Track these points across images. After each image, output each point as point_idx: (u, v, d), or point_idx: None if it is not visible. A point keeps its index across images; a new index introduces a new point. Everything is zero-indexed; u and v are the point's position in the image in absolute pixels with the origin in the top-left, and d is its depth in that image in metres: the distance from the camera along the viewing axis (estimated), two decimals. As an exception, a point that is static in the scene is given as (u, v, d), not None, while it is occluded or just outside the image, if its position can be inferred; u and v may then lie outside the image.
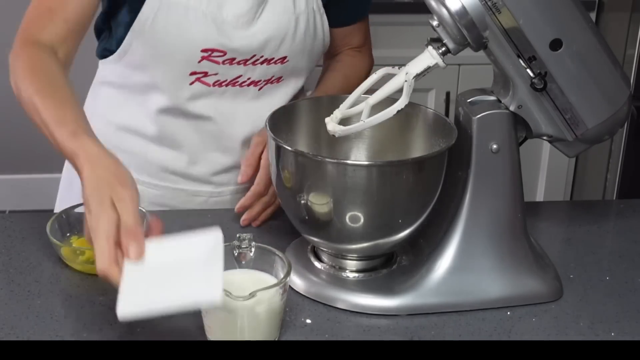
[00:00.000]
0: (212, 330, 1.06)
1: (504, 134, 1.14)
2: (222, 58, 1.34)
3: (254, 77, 1.38)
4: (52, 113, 1.17)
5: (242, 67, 1.36)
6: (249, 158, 1.34)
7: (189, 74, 1.35)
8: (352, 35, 1.50)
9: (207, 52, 1.32)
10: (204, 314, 1.06)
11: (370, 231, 1.14)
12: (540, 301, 1.17)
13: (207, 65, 1.34)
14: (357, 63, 1.52)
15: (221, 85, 1.37)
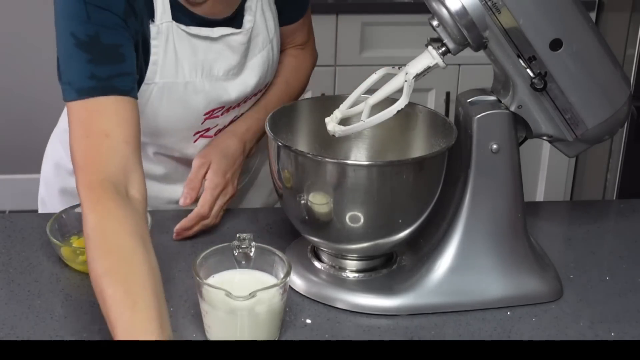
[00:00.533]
0: (212, 330, 1.06)
1: (504, 134, 1.14)
2: (221, 111, 1.34)
3: (244, 109, 1.40)
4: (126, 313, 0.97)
5: (237, 110, 1.37)
6: (192, 180, 1.30)
7: (193, 134, 1.35)
8: (296, 33, 1.47)
9: (209, 113, 1.33)
10: (203, 313, 1.06)
11: (370, 231, 1.14)
12: (540, 301, 1.17)
13: (210, 122, 1.35)
14: (299, 63, 1.48)
15: (220, 130, 1.38)
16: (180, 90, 1.27)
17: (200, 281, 1.04)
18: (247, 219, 1.36)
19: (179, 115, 1.30)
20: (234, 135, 1.36)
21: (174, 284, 1.18)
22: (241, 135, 1.36)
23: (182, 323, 1.10)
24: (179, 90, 1.27)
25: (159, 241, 1.29)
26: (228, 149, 1.34)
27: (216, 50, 1.29)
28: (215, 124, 1.36)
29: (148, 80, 1.25)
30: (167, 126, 1.31)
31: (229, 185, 1.32)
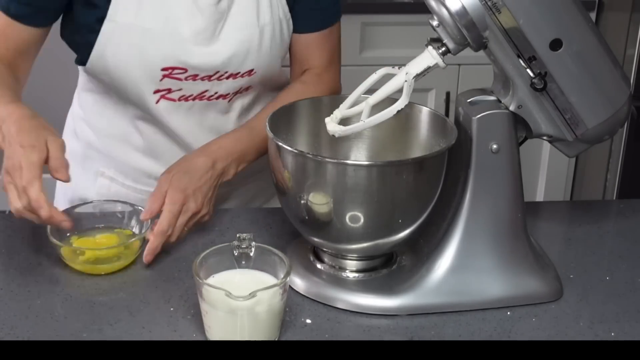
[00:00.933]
0: (212, 330, 1.06)
1: (504, 134, 1.14)
2: (184, 75, 1.33)
3: (222, 91, 1.37)
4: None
5: (207, 83, 1.35)
6: (154, 194, 1.27)
7: (153, 92, 1.34)
8: (311, 50, 1.43)
9: (168, 70, 1.32)
10: (203, 313, 1.06)
11: (370, 231, 1.14)
12: (540, 301, 1.17)
13: (170, 82, 1.33)
14: (306, 91, 1.40)
15: (187, 99, 1.36)
16: (138, 35, 1.29)
17: (200, 281, 1.04)
18: (247, 219, 1.36)
19: (134, 61, 1.30)
20: (202, 153, 1.32)
21: (174, 283, 1.18)
22: (210, 153, 1.32)
23: (182, 323, 1.10)
24: (137, 34, 1.29)
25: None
26: (192, 165, 1.30)
27: (185, 7, 1.30)
28: (178, 87, 1.34)
29: (110, 17, 1.29)
30: (126, 73, 1.32)
31: (189, 201, 1.26)
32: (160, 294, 1.16)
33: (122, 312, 1.12)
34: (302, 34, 1.42)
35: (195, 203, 1.27)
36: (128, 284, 1.18)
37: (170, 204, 1.25)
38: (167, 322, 1.11)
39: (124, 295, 1.16)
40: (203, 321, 1.07)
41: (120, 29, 1.30)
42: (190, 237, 1.30)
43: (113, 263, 1.20)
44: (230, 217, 1.37)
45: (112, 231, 1.26)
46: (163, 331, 1.09)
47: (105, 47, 1.31)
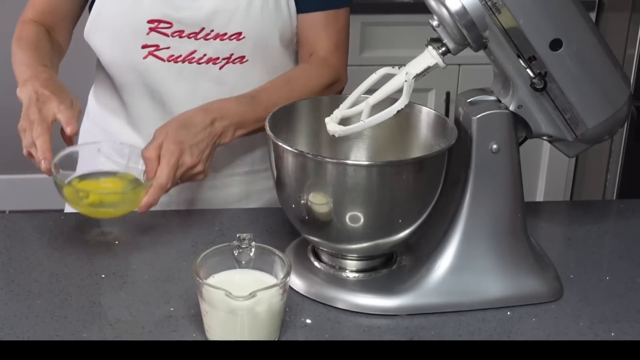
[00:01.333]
0: (212, 330, 1.06)
1: (504, 134, 1.14)
2: (170, 30, 1.33)
3: (210, 53, 1.36)
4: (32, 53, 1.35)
5: (194, 42, 1.35)
6: (148, 150, 1.25)
7: (141, 47, 1.35)
8: (317, 31, 1.42)
9: (154, 22, 1.33)
10: (203, 313, 1.06)
11: (370, 231, 1.14)
12: (540, 301, 1.17)
13: (156, 37, 1.34)
14: (312, 71, 1.41)
15: (177, 61, 1.36)
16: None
17: (200, 281, 1.04)
18: (247, 219, 1.36)
19: (123, 12, 1.33)
20: (202, 110, 1.30)
21: (174, 284, 1.18)
22: (210, 111, 1.30)
23: (182, 323, 1.10)
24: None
25: (159, 241, 1.29)
26: (190, 120, 1.28)
27: None
28: (166, 44, 1.35)
29: None
30: (114, 24, 1.35)
31: (185, 155, 1.25)
32: (160, 294, 1.16)
33: (122, 312, 1.12)
34: (308, 14, 1.41)
35: (191, 157, 1.25)
36: (128, 284, 1.18)
37: (167, 155, 1.24)
38: (167, 322, 1.11)
39: (124, 295, 1.16)
40: (203, 321, 1.07)
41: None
42: (191, 237, 1.30)
43: (117, 207, 1.20)
44: (230, 217, 1.37)
45: (115, 175, 1.26)
46: (163, 331, 1.09)
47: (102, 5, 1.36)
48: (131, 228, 1.33)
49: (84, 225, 1.33)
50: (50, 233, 1.30)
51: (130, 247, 1.28)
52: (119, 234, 1.32)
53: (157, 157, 1.24)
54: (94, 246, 1.28)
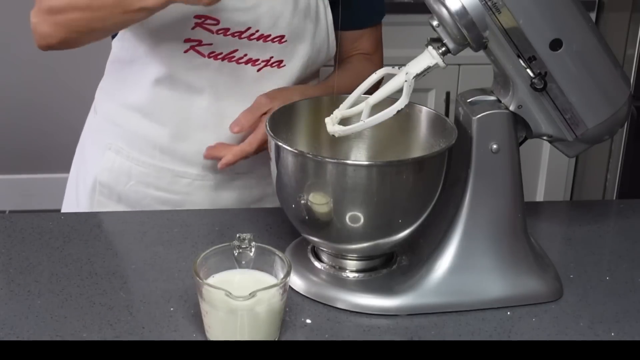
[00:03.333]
0: (212, 330, 1.06)
1: (504, 134, 1.14)
2: (216, 27, 1.33)
3: (251, 54, 1.37)
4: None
5: (237, 41, 1.35)
6: (250, 113, 1.32)
7: (184, 41, 1.35)
8: (361, 40, 1.49)
9: (201, 18, 1.32)
10: (204, 314, 1.06)
11: (370, 231, 1.14)
12: (540, 301, 1.17)
13: (201, 33, 1.34)
14: (366, 68, 1.48)
15: (216, 57, 1.36)
16: None
17: (200, 281, 1.04)
18: (247, 219, 1.36)
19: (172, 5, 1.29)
20: (301, 92, 1.36)
21: (174, 284, 1.18)
22: (307, 94, 1.35)
23: (182, 323, 1.10)
24: None
25: (159, 241, 1.29)
26: (291, 97, 1.32)
27: None
28: (209, 40, 1.34)
29: None
30: (159, 16, 1.31)
31: None
32: (160, 294, 1.16)
33: (122, 312, 1.12)
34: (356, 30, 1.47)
35: None
36: (128, 284, 1.18)
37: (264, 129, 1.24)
38: (167, 322, 1.11)
39: (124, 295, 1.16)
40: (203, 321, 1.07)
41: None
42: (191, 237, 1.30)
43: None
44: (230, 217, 1.37)
45: None
46: (163, 331, 1.09)
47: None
48: (131, 228, 1.33)
49: (84, 225, 1.33)
50: (50, 233, 1.30)
51: (130, 247, 1.28)
52: (119, 234, 1.33)
53: (253, 124, 1.29)
54: (94, 246, 1.28)
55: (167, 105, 1.42)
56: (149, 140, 1.45)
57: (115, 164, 1.47)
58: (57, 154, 3.18)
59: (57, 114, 3.12)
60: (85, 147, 1.56)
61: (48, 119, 3.12)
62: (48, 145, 3.15)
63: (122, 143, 1.47)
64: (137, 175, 1.45)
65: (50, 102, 3.10)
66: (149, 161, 1.46)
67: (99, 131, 1.51)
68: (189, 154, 1.45)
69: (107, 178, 1.47)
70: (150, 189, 1.46)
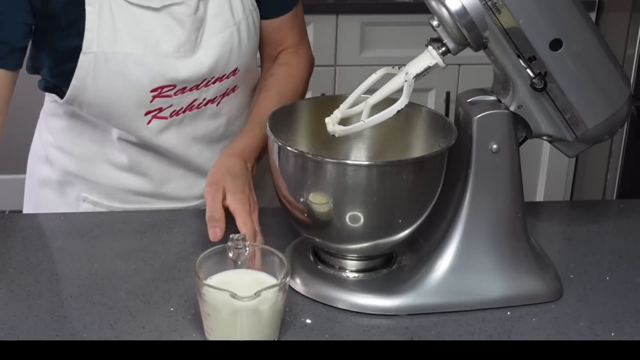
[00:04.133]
0: (213, 332, 1.06)
1: (504, 134, 1.14)
2: (173, 91, 1.32)
3: (209, 96, 1.37)
4: None
5: (195, 92, 1.35)
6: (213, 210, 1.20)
7: (144, 114, 1.32)
8: (283, 31, 1.45)
9: (157, 90, 1.30)
10: (204, 315, 1.06)
11: (370, 231, 1.14)
12: (540, 301, 1.17)
13: (160, 101, 1.32)
14: (293, 71, 1.45)
15: (178, 114, 1.35)
16: (119, 62, 1.26)
17: (201, 282, 1.04)
18: (247, 219, 1.36)
19: (121, 89, 1.28)
20: (233, 155, 1.30)
21: (174, 283, 1.18)
22: (240, 154, 1.30)
23: (182, 323, 1.10)
24: (118, 61, 1.26)
25: (159, 241, 1.29)
26: (234, 168, 1.27)
27: (163, 23, 1.28)
28: (168, 103, 1.33)
29: (86, 49, 1.25)
30: (113, 101, 1.29)
31: (250, 200, 1.24)
32: (160, 294, 1.16)
33: (122, 312, 1.12)
34: (273, 19, 1.43)
35: (254, 200, 1.25)
36: (128, 284, 1.18)
37: (240, 206, 1.21)
38: (167, 322, 1.11)
39: (124, 295, 1.16)
40: (204, 324, 1.07)
41: (99, 60, 1.26)
42: (191, 237, 1.30)
43: None
44: (231, 217, 1.37)
45: None
46: (163, 331, 1.09)
47: (86, 79, 1.27)
48: (131, 228, 1.33)
49: (84, 225, 1.33)
50: (50, 233, 1.30)
51: (130, 247, 1.28)
52: (119, 234, 1.32)
53: (224, 216, 1.20)
54: (94, 246, 1.28)
55: (140, 160, 1.40)
56: (132, 190, 1.43)
57: (98, 208, 1.43)
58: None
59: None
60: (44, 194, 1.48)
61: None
62: (48, 145, 3.15)
63: (97, 196, 1.43)
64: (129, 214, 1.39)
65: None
66: (137, 207, 1.42)
67: (64, 184, 1.45)
68: (177, 192, 1.43)
69: None
70: None
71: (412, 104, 1.17)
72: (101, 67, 1.26)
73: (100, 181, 1.42)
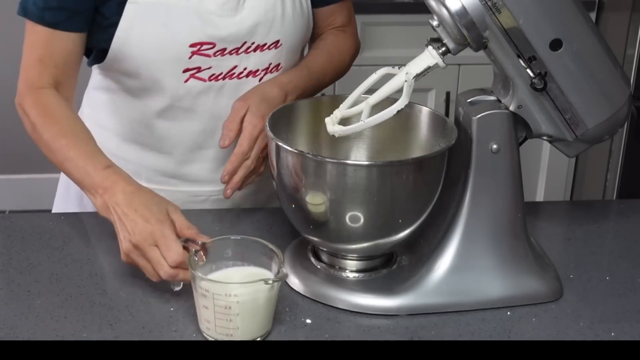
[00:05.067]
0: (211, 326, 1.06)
1: (504, 134, 1.14)
2: (213, 50, 1.33)
3: (250, 66, 1.37)
4: (82, 149, 1.25)
5: (235, 57, 1.35)
6: (231, 122, 1.30)
7: (182, 72, 1.33)
8: (334, 15, 1.48)
9: (196, 46, 1.32)
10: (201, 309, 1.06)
11: (370, 231, 1.14)
12: (540, 301, 1.17)
13: (199, 60, 1.33)
14: (340, 42, 1.49)
15: (217, 79, 1.36)
16: (162, 14, 1.29)
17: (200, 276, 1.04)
18: (247, 219, 1.36)
19: (162, 41, 1.30)
20: (275, 84, 1.35)
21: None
22: (283, 85, 1.35)
23: (182, 323, 1.10)
24: (160, 13, 1.29)
25: (159, 241, 1.29)
26: (268, 94, 1.33)
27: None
28: (207, 64, 1.34)
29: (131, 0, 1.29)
30: (154, 56, 1.31)
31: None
32: (160, 294, 1.16)
33: (122, 312, 1.12)
34: (326, 7, 1.46)
35: None
36: (128, 284, 1.18)
37: (250, 128, 1.28)
38: (167, 322, 1.11)
39: (124, 295, 1.16)
40: (200, 319, 1.07)
41: (143, 10, 1.29)
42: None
43: None
44: (231, 217, 1.37)
45: None
46: (163, 331, 1.09)
47: (130, 31, 1.30)
48: (131, 228, 1.33)
49: (84, 225, 1.33)
50: (50, 233, 1.30)
51: (130, 247, 1.28)
52: (119, 234, 1.33)
53: (237, 130, 1.29)
54: (94, 246, 1.28)
55: (169, 136, 1.41)
56: (155, 169, 1.44)
57: None
58: (57, 154, 3.18)
59: None
60: None
61: None
62: (48, 145, 3.15)
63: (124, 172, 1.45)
64: None
65: None
66: (160, 187, 1.41)
67: None
68: (201, 174, 1.44)
69: None
70: None
71: (412, 104, 1.17)
72: (144, 17, 1.29)
73: (128, 157, 1.43)
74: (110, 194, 1.18)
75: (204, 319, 1.07)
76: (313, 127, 1.24)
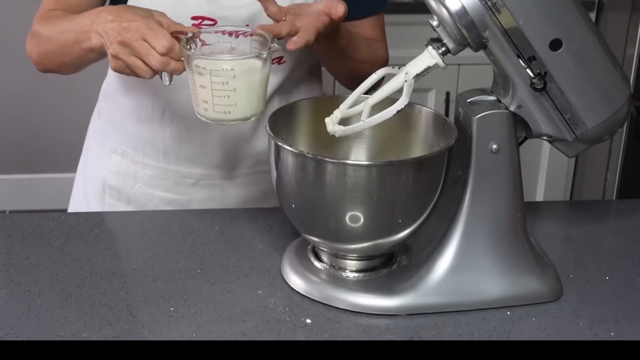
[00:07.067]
0: (208, 105, 1.11)
1: (504, 134, 1.14)
2: (214, 28, 1.32)
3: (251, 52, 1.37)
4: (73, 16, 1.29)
5: (234, 40, 1.33)
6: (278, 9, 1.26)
7: None
8: (361, 28, 1.47)
9: (197, 19, 1.33)
10: (197, 89, 1.12)
11: (370, 231, 1.14)
12: (540, 301, 1.17)
13: None
14: (373, 45, 1.48)
15: None
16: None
17: (195, 54, 1.11)
18: (247, 219, 1.36)
19: (166, 7, 1.29)
20: None
21: (174, 284, 1.18)
22: None
23: (182, 323, 1.10)
24: None
25: (159, 241, 1.29)
26: None
27: None
28: (208, 42, 1.33)
29: None
30: None
31: None
32: (160, 294, 1.16)
33: (122, 312, 1.12)
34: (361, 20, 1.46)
35: None
36: (128, 284, 1.19)
37: None
38: (167, 322, 1.11)
39: (124, 295, 1.16)
40: (195, 101, 1.13)
41: None
42: (191, 237, 1.30)
43: None
44: (231, 217, 1.37)
45: None
46: (163, 331, 1.09)
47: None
48: (131, 228, 1.33)
49: (84, 225, 1.33)
50: (50, 233, 1.30)
51: (130, 247, 1.28)
52: (119, 234, 1.33)
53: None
54: (94, 246, 1.28)
55: (168, 110, 1.43)
56: (152, 143, 1.46)
57: (122, 167, 1.48)
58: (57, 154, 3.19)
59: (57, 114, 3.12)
60: (91, 148, 1.57)
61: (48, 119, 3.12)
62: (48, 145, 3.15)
63: (126, 146, 1.48)
64: (143, 178, 1.47)
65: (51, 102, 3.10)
66: (153, 164, 1.47)
67: (103, 134, 1.52)
68: (193, 154, 1.45)
69: (115, 181, 1.49)
70: (157, 191, 1.47)
71: (412, 104, 1.17)
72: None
73: (129, 130, 1.47)
74: (98, 20, 1.21)
75: (201, 100, 1.09)
76: (313, 127, 1.24)
